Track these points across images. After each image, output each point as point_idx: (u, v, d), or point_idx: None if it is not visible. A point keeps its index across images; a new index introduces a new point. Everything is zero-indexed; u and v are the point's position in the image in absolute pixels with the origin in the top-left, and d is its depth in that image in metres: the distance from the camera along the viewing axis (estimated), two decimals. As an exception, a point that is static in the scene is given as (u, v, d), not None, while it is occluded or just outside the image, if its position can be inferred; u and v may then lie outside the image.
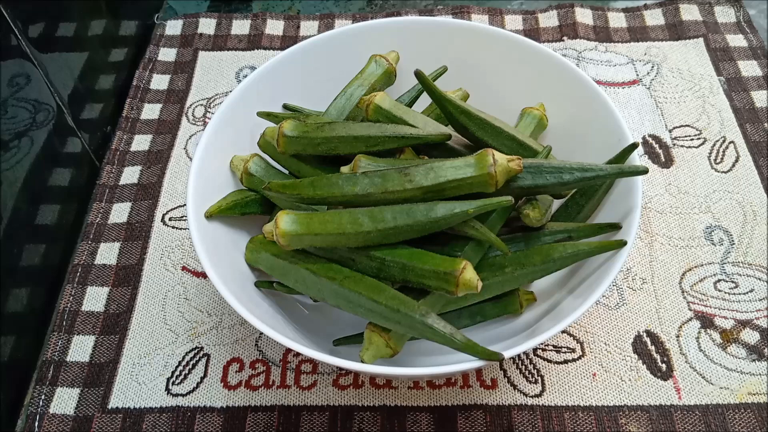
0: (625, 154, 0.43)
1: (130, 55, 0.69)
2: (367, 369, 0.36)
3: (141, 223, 0.56)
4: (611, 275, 0.38)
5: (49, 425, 0.45)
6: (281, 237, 0.40)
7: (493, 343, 0.39)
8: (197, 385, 0.47)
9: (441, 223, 0.38)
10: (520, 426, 0.44)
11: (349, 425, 0.45)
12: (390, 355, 0.39)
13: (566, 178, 0.40)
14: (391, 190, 0.39)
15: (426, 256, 0.38)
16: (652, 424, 0.44)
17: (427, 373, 0.37)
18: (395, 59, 0.51)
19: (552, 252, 0.40)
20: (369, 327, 0.40)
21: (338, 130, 0.44)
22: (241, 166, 0.47)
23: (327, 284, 0.39)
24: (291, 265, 0.41)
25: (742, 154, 0.58)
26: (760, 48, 0.66)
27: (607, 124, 0.46)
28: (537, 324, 0.42)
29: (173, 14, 0.74)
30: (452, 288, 0.37)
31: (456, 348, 0.36)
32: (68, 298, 0.52)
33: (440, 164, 0.39)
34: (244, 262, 0.45)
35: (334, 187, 0.40)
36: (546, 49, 0.50)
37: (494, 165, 0.38)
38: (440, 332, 0.36)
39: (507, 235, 0.43)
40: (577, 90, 0.48)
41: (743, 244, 0.52)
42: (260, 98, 0.49)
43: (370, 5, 0.75)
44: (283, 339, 0.36)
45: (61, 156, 0.56)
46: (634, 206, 0.41)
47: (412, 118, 0.45)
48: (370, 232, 0.38)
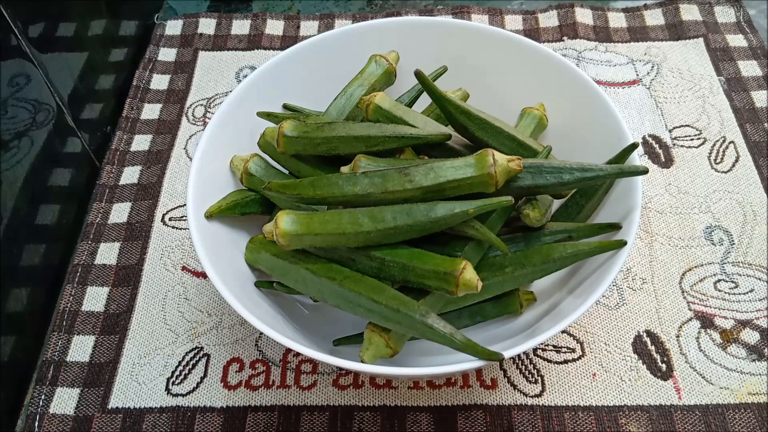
0: (625, 154, 0.43)
1: (130, 55, 0.69)
2: (367, 369, 0.37)
3: (141, 223, 0.56)
4: (611, 275, 0.38)
5: (49, 425, 0.45)
6: (281, 237, 0.40)
7: (493, 343, 0.39)
8: (197, 385, 0.47)
9: (441, 223, 0.38)
10: (520, 426, 0.44)
11: (349, 425, 0.45)
12: (390, 355, 0.39)
13: (566, 178, 0.40)
14: (391, 190, 0.39)
15: (426, 256, 0.38)
16: (652, 424, 0.44)
17: (427, 373, 0.37)
18: (395, 59, 0.51)
19: (552, 252, 0.40)
20: (369, 327, 0.40)
21: (338, 130, 0.44)
22: (241, 166, 0.47)
23: (327, 284, 0.39)
24: (291, 265, 0.41)
25: (742, 154, 0.58)
26: (760, 48, 0.66)
27: (606, 123, 0.46)
28: (537, 324, 0.42)
29: (173, 14, 0.74)
30: (452, 288, 0.37)
31: (456, 348, 0.36)
32: (68, 298, 0.52)
33: (440, 164, 0.39)
34: (244, 262, 0.45)
35: (334, 187, 0.40)
36: (545, 49, 0.50)
37: (494, 165, 0.38)
38: (440, 332, 0.36)
39: (507, 235, 0.43)
40: (577, 90, 0.48)
41: (743, 244, 0.52)
42: (260, 98, 0.49)
43: (370, 5, 0.75)
44: (283, 339, 0.36)
45: (61, 156, 0.56)
46: (634, 206, 0.41)
47: (412, 118, 0.45)
48: (370, 232, 0.38)
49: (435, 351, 0.43)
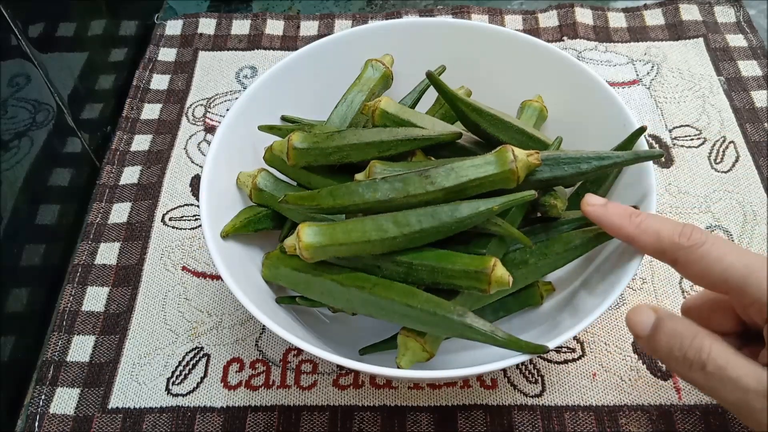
0: (633, 139, 0.43)
1: (130, 55, 0.69)
2: (407, 375, 0.36)
3: (141, 223, 0.56)
4: (637, 260, 0.38)
5: (49, 425, 0.45)
6: (305, 250, 0.39)
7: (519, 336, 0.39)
8: (197, 385, 0.47)
9: (467, 223, 0.38)
10: (520, 426, 0.44)
11: (349, 425, 0.45)
12: (426, 359, 0.39)
13: (584, 167, 0.40)
14: (413, 193, 0.39)
15: (454, 257, 0.38)
16: (652, 424, 0.44)
17: (469, 373, 0.36)
18: (390, 62, 0.51)
19: (572, 239, 0.41)
20: (402, 332, 0.39)
21: (349, 138, 0.43)
22: (248, 182, 0.47)
23: (356, 294, 0.39)
24: (315, 277, 0.41)
25: (742, 154, 0.58)
26: (760, 48, 0.66)
27: (609, 111, 0.46)
28: (560, 315, 0.43)
29: (173, 14, 0.74)
30: (484, 286, 0.37)
31: (499, 345, 0.36)
32: (68, 298, 0.52)
33: (460, 164, 0.39)
34: (260, 278, 0.45)
35: (355, 195, 0.40)
36: (539, 41, 0.50)
37: (515, 161, 0.38)
38: (481, 330, 0.36)
39: (525, 228, 0.43)
40: (574, 78, 0.48)
41: (743, 244, 0.52)
42: (259, 112, 0.49)
43: (370, 5, 0.75)
44: (325, 354, 0.36)
45: (61, 156, 0.56)
46: (649, 190, 0.41)
47: (420, 120, 0.46)
48: (396, 237, 0.38)
49: (452, 349, 0.43)
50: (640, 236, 0.36)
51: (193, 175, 0.59)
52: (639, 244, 0.37)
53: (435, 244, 0.39)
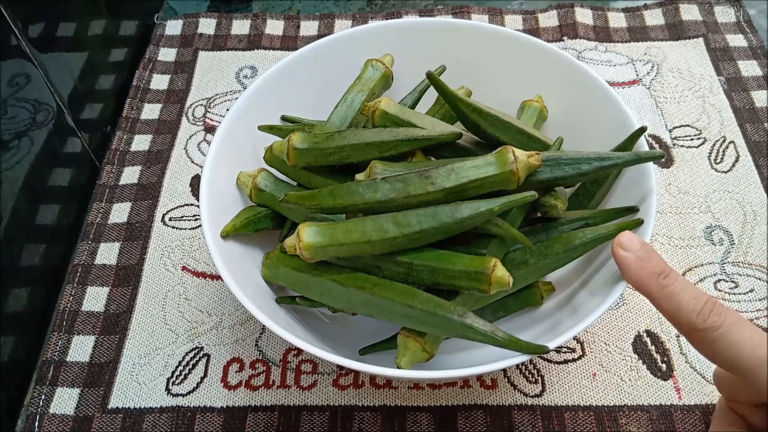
0: (633, 139, 0.43)
1: (130, 55, 0.69)
2: (407, 375, 0.36)
3: (141, 223, 0.56)
4: None
5: (49, 425, 0.45)
6: (305, 250, 0.39)
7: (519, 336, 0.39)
8: (197, 385, 0.47)
9: (467, 223, 0.38)
10: (520, 426, 0.44)
11: (349, 425, 0.45)
12: (426, 359, 0.39)
13: (584, 168, 0.40)
14: (414, 194, 0.39)
15: (455, 257, 0.38)
16: (652, 424, 0.44)
17: (470, 373, 0.36)
18: (390, 62, 0.51)
19: (572, 239, 0.40)
20: (402, 333, 0.39)
21: (350, 138, 0.43)
22: (248, 182, 0.47)
23: (356, 294, 0.39)
24: (315, 277, 0.41)
25: (742, 154, 0.58)
26: (760, 48, 0.66)
27: (609, 111, 0.46)
28: (560, 315, 0.43)
29: (173, 14, 0.74)
30: (485, 287, 0.37)
31: (499, 345, 0.36)
32: (68, 298, 0.52)
33: (461, 165, 0.39)
34: (260, 278, 0.45)
35: (355, 195, 0.40)
36: (539, 41, 0.50)
37: (515, 162, 0.38)
38: (481, 331, 0.36)
39: (525, 228, 0.43)
40: (574, 78, 0.48)
41: (743, 244, 0.52)
42: (259, 112, 0.49)
43: (370, 5, 0.75)
44: (325, 354, 0.36)
45: (61, 156, 0.56)
46: (649, 191, 0.41)
47: (420, 120, 0.45)
48: (396, 237, 0.38)
49: (452, 349, 0.43)
50: (661, 301, 0.35)
51: (193, 175, 0.59)
52: (658, 308, 0.36)
53: (435, 244, 0.39)
